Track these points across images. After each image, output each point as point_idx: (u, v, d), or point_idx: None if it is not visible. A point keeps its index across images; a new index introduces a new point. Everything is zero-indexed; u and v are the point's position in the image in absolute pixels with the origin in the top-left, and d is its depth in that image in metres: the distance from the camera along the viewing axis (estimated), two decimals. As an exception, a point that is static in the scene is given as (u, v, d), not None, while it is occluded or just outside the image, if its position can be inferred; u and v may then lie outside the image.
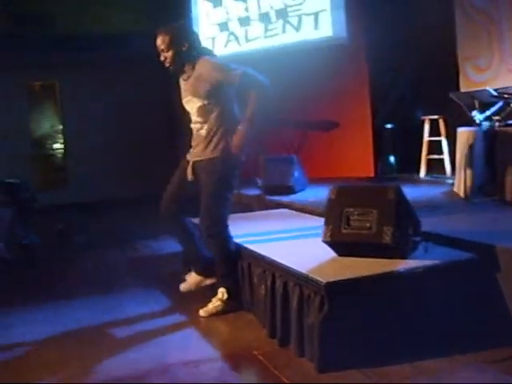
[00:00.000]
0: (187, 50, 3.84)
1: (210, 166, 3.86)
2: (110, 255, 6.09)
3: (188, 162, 3.99)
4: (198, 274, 4.16)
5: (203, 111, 3.88)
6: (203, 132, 3.90)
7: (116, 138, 10.44)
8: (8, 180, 6.87)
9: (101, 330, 3.76)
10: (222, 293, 3.93)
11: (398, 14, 7.60)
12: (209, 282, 4.13)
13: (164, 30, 3.86)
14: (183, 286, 4.23)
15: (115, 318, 3.99)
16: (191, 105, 3.94)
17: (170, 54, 3.84)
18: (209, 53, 3.98)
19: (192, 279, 4.19)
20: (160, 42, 3.85)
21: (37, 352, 3.46)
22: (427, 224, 3.61)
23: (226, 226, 3.95)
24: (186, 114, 4.08)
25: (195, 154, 3.97)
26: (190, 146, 4.05)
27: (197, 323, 3.78)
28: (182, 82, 4.01)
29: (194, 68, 3.86)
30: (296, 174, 6.71)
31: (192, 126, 4.02)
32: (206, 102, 3.85)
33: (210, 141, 3.87)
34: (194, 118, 3.96)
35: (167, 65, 3.90)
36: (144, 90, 10.23)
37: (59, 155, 10.94)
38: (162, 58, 3.89)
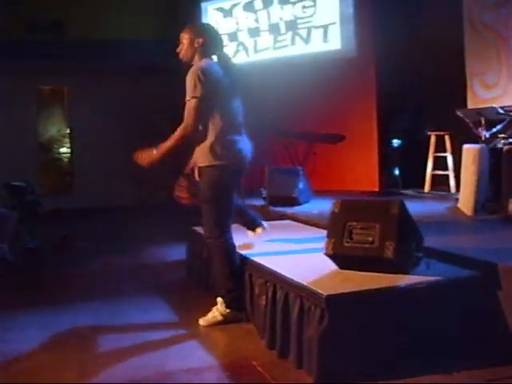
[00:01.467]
0: (199, 47, 3.81)
1: (203, 173, 3.78)
2: (114, 262, 6.10)
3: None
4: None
5: None
6: (197, 136, 3.78)
7: (123, 145, 10.45)
8: (14, 183, 6.89)
9: (101, 337, 3.76)
10: (220, 303, 3.88)
11: (408, 27, 7.65)
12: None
13: (192, 24, 3.93)
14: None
15: (116, 324, 3.99)
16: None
17: (184, 45, 3.85)
18: (222, 58, 3.86)
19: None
20: (184, 33, 3.87)
21: (35, 356, 3.45)
22: (430, 240, 3.61)
23: (223, 235, 3.79)
24: None
25: (194, 158, 3.90)
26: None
27: (197, 332, 3.77)
28: None
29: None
30: (301, 185, 6.71)
31: None
32: None
33: (203, 148, 3.76)
34: None
35: (180, 56, 3.90)
36: (152, 98, 10.27)
37: (66, 160, 10.99)
38: (178, 49, 3.89)
